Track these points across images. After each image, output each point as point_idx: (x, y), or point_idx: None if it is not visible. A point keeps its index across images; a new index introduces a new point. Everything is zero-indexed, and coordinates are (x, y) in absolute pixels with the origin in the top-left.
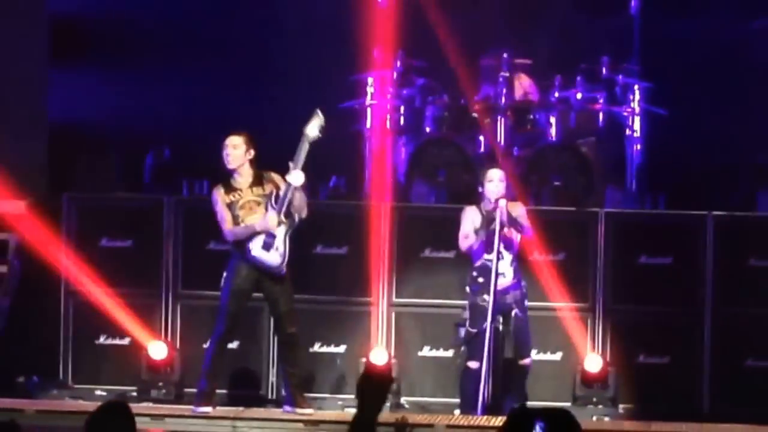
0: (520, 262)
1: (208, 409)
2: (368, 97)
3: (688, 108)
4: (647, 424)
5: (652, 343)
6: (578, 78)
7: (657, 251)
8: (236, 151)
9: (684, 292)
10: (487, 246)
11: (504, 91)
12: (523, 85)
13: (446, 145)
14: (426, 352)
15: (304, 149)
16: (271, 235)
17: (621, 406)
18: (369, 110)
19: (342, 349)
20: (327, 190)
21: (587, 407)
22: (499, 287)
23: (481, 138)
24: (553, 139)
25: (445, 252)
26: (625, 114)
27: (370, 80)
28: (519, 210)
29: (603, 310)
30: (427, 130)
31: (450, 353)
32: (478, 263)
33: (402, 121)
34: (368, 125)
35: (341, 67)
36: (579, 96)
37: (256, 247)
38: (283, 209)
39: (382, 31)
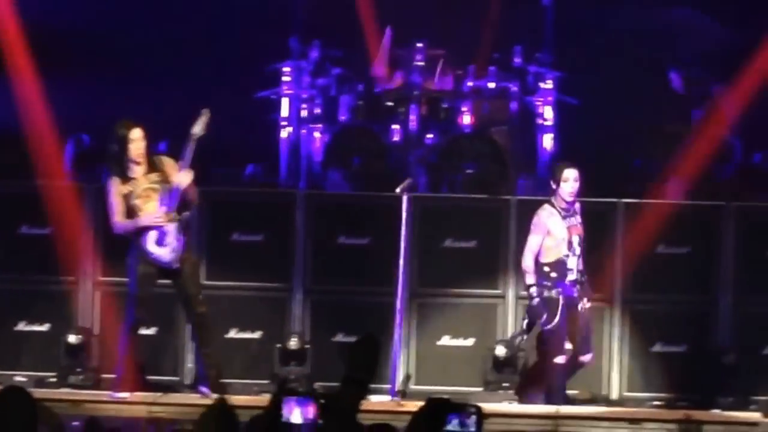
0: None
1: (125, 395)
2: (284, 86)
3: (600, 97)
4: (555, 408)
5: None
6: (491, 67)
7: None
8: (139, 144)
9: (598, 278)
10: (567, 243)
11: (418, 80)
12: (437, 74)
13: (361, 134)
14: (340, 338)
15: (191, 149)
16: (163, 231)
17: None
18: (285, 99)
19: (258, 335)
20: (244, 178)
21: (498, 392)
22: (567, 282)
23: (396, 126)
24: (467, 127)
25: (360, 239)
26: (538, 103)
27: (285, 70)
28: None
29: (516, 298)
30: (342, 118)
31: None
32: (552, 259)
33: (317, 110)
34: (284, 114)
35: (257, 57)
36: (492, 85)
37: (149, 242)
38: (174, 206)
39: (299, 20)
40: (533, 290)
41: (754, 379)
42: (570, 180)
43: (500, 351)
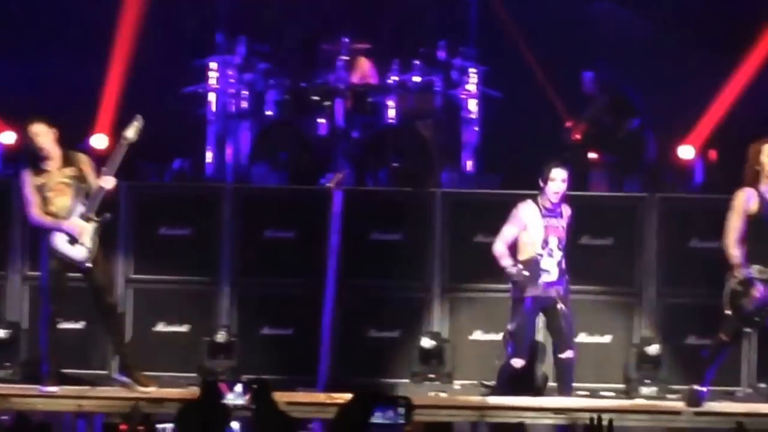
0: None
1: (54, 389)
2: (211, 81)
3: (523, 90)
4: (481, 398)
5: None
6: (416, 62)
7: (494, 230)
8: (44, 138)
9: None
10: (543, 243)
11: (343, 74)
12: (362, 68)
13: (287, 128)
14: (267, 330)
15: (120, 153)
16: (77, 231)
17: (456, 382)
18: (211, 94)
19: (185, 328)
20: (171, 172)
21: (424, 383)
22: (542, 283)
23: (322, 120)
24: (392, 121)
25: (287, 232)
26: (462, 96)
27: (212, 65)
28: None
29: (440, 289)
30: (269, 113)
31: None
32: (526, 257)
33: (244, 105)
34: (211, 109)
35: (184, 52)
36: (417, 79)
37: (61, 240)
38: (94, 208)
39: (225, 16)
40: (510, 268)
41: (677, 368)
42: (557, 180)
43: (426, 343)
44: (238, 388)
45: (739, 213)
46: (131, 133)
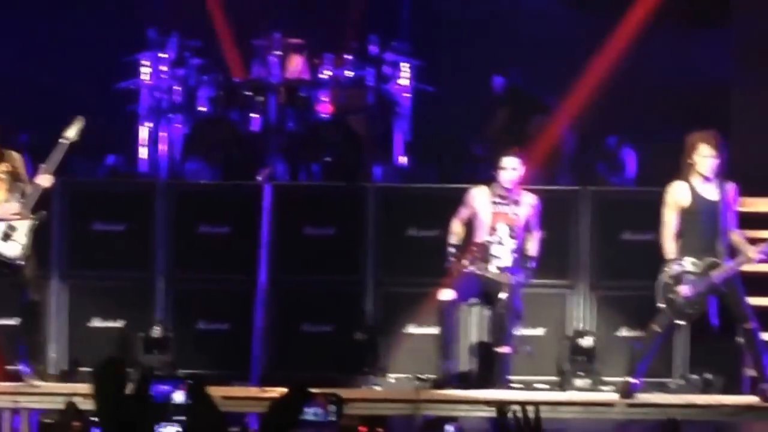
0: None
1: None
2: (143, 77)
3: (456, 84)
4: (416, 392)
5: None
6: (348, 56)
7: (426, 224)
8: None
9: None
10: (491, 229)
11: (276, 70)
12: (295, 63)
13: (220, 124)
14: (202, 325)
15: (60, 152)
16: (11, 227)
17: (392, 375)
18: (144, 90)
19: (120, 323)
20: (105, 168)
21: (358, 377)
22: (494, 268)
23: (254, 116)
24: (324, 116)
25: (221, 227)
26: (394, 91)
27: (144, 61)
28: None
29: (373, 283)
30: (202, 108)
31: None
32: (479, 240)
33: (177, 101)
34: (144, 105)
35: (117, 48)
36: (349, 74)
37: None
38: (30, 206)
39: (157, 11)
40: (449, 248)
41: (610, 361)
42: (508, 169)
43: (360, 336)
44: (173, 384)
45: (671, 207)
46: (72, 132)
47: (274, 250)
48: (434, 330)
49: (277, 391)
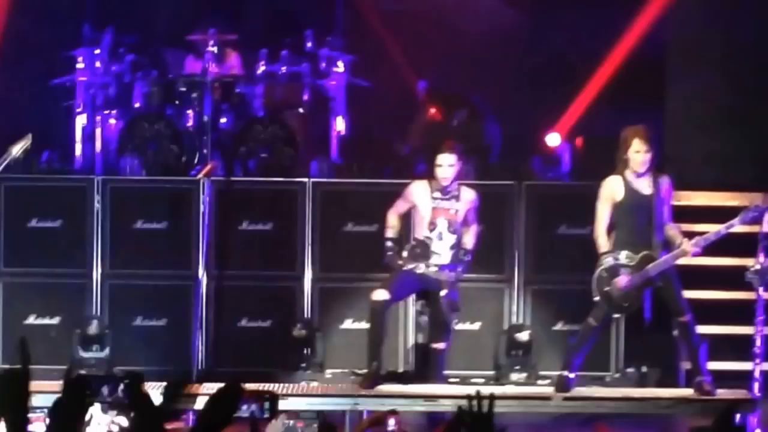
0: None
1: None
2: (78, 73)
3: (391, 79)
4: (354, 387)
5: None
6: (284, 52)
7: (363, 220)
8: None
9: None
10: (430, 225)
11: (211, 65)
12: (230, 59)
13: (155, 120)
14: (139, 321)
15: (1, 165)
16: None
17: (329, 370)
18: (79, 86)
19: (56, 320)
20: (40, 164)
21: (296, 373)
22: (432, 265)
23: (190, 112)
24: (260, 112)
25: (157, 223)
26: (330, 86)
27: (79, 57)
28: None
29: (311, 278)
30: (137, 104)
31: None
32: (419, 236)
33: (112, 97)
34: (79, 101)
35: (52, 44)
36: (284, 69)
37: None
38: None
39: (92, 7)
40: (386, 241)
41: (547, 355)
42: (444, 166)
43: (298, 332)
44: (109, 382)
45: (606, 201)
46: (17, 149)
47: (211, 245)
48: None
49: (212, 387)
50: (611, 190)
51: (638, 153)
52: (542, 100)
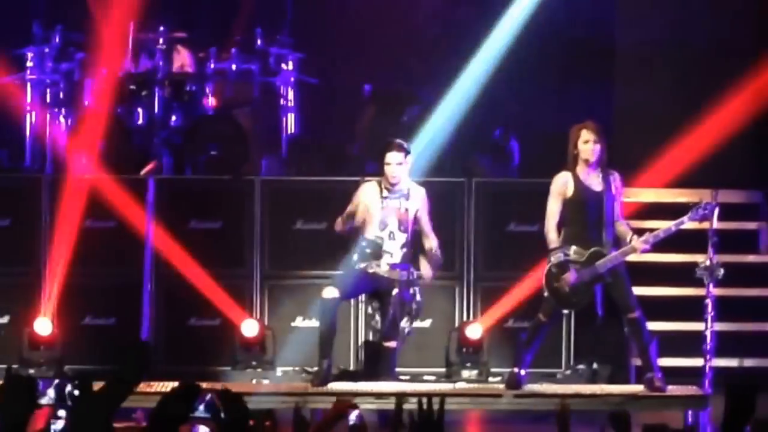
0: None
1: None
2: (28, 71)
3: (340, 77)
4: (304, 385)
5: None
6: (233, 50)
7: (313, 217)
8: None
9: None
10: (381, 224)
11: (161, 63)
12: (179, 57)
13: (105, 118)
14: (88, 321)
15: None
16: None
17: (280, 368)
18: (28, 84)
19: (5, 319)
20: None
21: (246, 371)
22: (384, 265)
23: (140, 110)
24: (210, 109)
25: (107, 222)
26: (279, 84)
27: (29, 55)
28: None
29: (260, 276)
30: (87, 103)
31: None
32: (370, 236)
33: (61, 95)
34: (28, 99)
35: (1, 42)
36: (234, 67)
37: None
38: None
39: (41, 5)
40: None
41: (498, 352)
42: (392, 164)
43: (248, 330)
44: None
45: (556, 197)
46: None
47: (160, 244)
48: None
49: (165, 386)
50: (562, 186)
51: (587, 143)
52: (492, 97)
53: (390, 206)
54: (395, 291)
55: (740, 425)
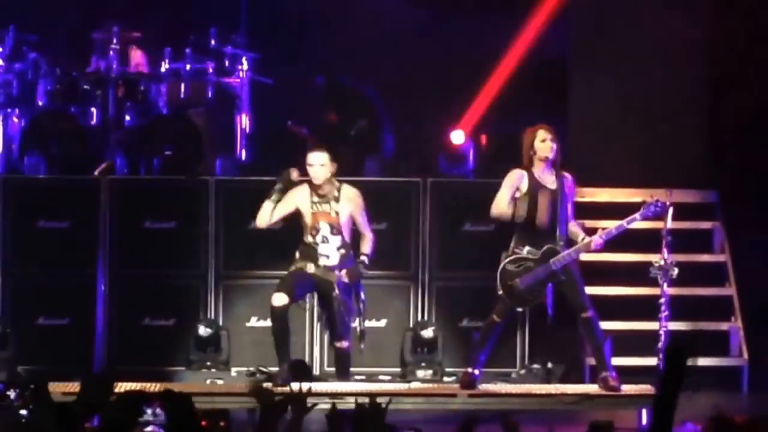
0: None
1: None
2: None
3: (294, 77)
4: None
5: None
6: (188, 49)
7: None
8: None
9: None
10: (313, 229)
11: (115, 63)
12: (134, 57)
13: (59, 117)
14: (42, 321)
15: None
16: None
17: (234, 369)
18: None
19: None
20: None
21: (201, 371)
22: (321, 267)
23: (93, 110)
24: (164, 109)
25: (60, 222)
26: (234, 84)
27: None
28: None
29: (215, 276)
30: (40, 102)
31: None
32: (307, 240)
33: (14, 94)
34: None
35: None
36: (188, 67)
37: None
38: None
39: None
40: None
41: (452, 352)
42: (315, 165)
43: (202, 330)
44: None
45: (509, 187)
46: None
47: (114, 244)
48: None
49: (119, 387)
50: (517, 179)
51: (544, 141)
52: (447, 98)
53: (319, 211)
54: (335, 292)
55: (674, 388)
